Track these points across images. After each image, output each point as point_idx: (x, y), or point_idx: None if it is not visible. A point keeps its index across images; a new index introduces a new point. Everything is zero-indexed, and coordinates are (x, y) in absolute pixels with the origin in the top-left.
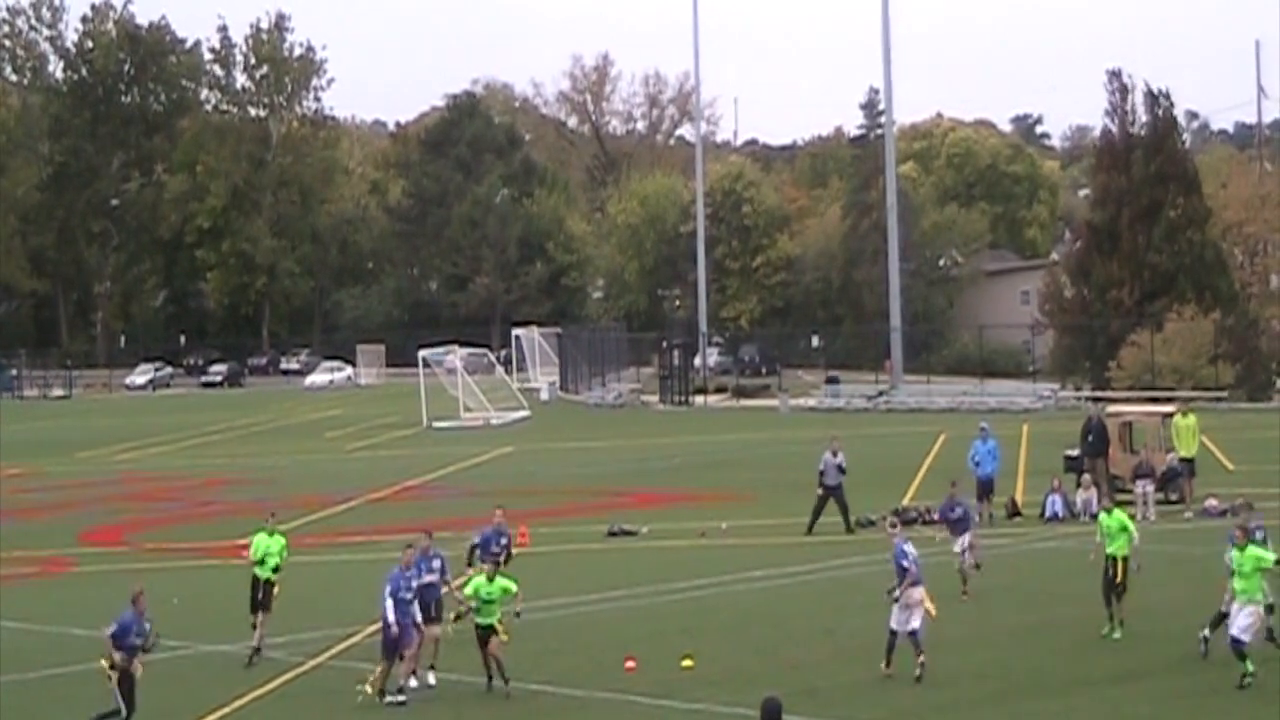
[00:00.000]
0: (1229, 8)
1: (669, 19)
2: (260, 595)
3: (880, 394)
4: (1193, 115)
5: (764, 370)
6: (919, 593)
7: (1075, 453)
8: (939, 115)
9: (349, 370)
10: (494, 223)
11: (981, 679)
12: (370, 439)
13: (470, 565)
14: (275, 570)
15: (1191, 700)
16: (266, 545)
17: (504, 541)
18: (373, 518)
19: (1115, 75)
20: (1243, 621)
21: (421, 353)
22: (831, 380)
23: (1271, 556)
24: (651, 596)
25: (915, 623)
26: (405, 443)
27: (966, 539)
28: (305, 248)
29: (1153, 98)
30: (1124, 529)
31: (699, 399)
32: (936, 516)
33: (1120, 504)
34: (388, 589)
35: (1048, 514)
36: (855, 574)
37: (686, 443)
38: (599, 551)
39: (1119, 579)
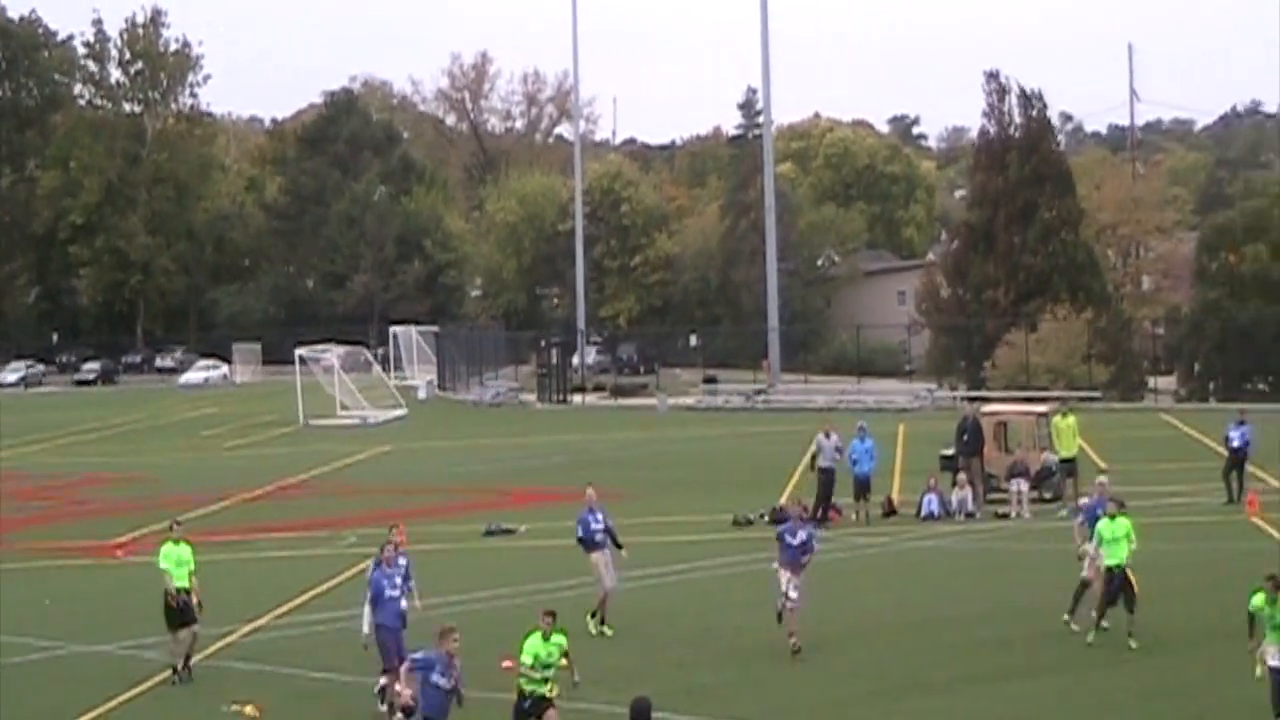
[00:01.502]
0: (1103, 11)
1: (548, 17)
2: (179, 608)
3: (758, 393)
4: (1067, 117)
5: (642, 369)
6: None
7: (951, 452)
8: (817, 115)
9: (225, 368)
10: (372, 221)
11: (859, 677)
12: (247, 437)
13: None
14: (189, 577)
15: (1071, 698)
16: (176, 555)
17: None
18: (249, 517)
19: (992, 77)
20: None
21: (298, 351)
22: (709, 379)
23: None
24: (530, 595)
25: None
26: (282, 441)
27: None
28: (181, 245)
29: (1028, 99)
30: (1127, 536)
31: (577, 398)
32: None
33: (998, 501)
34: (369, 593)
35: (924, 513)
36: (735, 572)
37: (565, 441)
38: (476, 550)
39: (1126, 588)
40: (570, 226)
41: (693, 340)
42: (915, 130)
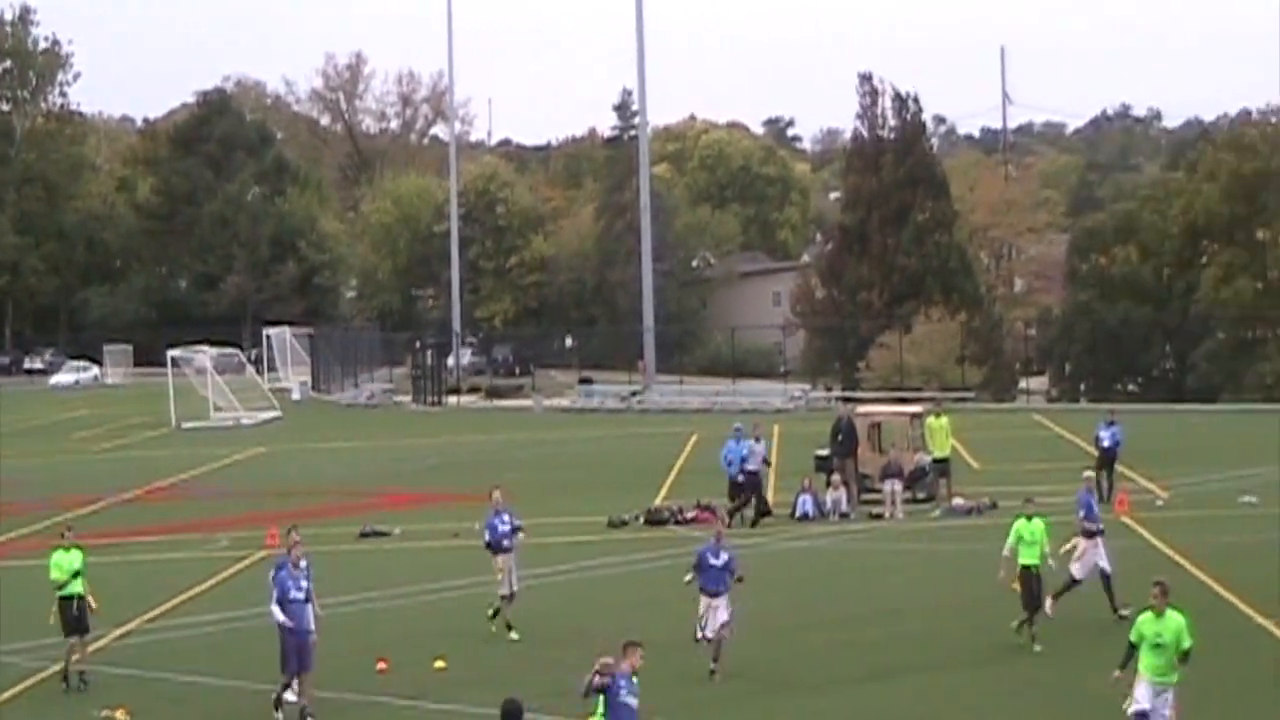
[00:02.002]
0: (976, 15)
1: (423, 18)
2: (76, 615)
3: (634, 394)
4: (940, 120)
5: (517, 370)
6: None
7: (825, 452)
8: (692, 117)
9: (95, 370)
10: (245, 221)
11: (734, 677)
12: (119, 439)
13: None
14: (82, 583)
15: (943, 696)
16: (69, 562)
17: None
18: (121, 519)
19: (866, 79)
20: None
21: (170, 352)
22: (585, 380)
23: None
24: (404, 598)
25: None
26: (154, 443)
27: None
28: (50, 245)
29: (901, 102)
30: (1042, 538)
31: (452, 399)
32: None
33: (871, 502)
34: (274, 594)
35: (798, 513)
36: (611, 573)
37: (439, 443)
38: (351, 553)
39: (1036, 590)
40: (445, 227)
41: (568, 341)
42: (790, 132)
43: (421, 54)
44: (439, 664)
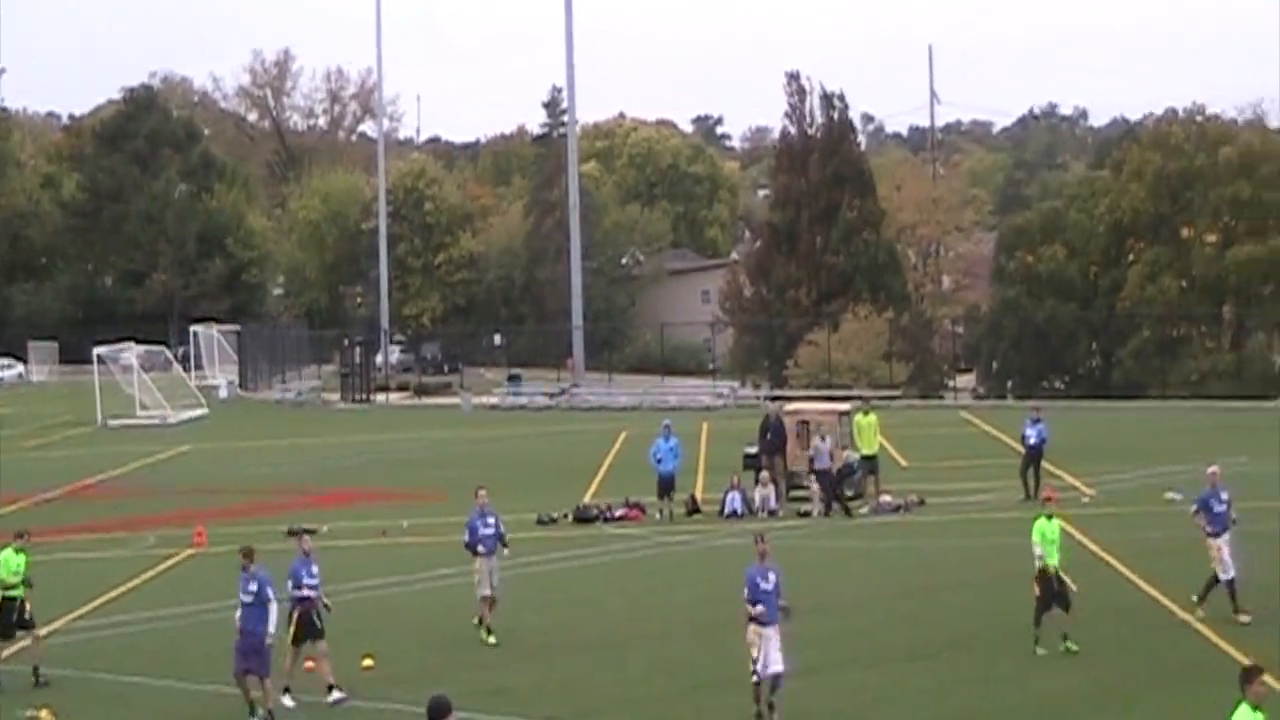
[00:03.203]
0: (904, 13)
1: (351, 14)
2: (18, 616)
3: (562, 392)
4: (868, 118)
5: (446, 368)
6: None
7: (754, 450)
8: (621, 115)
9: (20, 367)
10: (172, 219)
11: (665, 675)
12: (44, 438)
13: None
14: (23, 587)
15: (874, 692)
16: (17, 564)
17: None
18: (46, 518)
19: (794, 78)
20: None
21: (96, 350)
22: (514, 378)
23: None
24: (332, 596)
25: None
26: (80, 441)
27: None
28: None
29: (829, 100)
30: (1059, 537)
31: (380, 397)
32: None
33: (800, 499)
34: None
35: (727, 511)
36: (539, 571)
37: (368, 441)
38: (278, 551)
39: (1061, 589)
40: (373, 225)
41: (497, 339)
42: (719, 130)
43: (350, 51)
44: (367, 662)
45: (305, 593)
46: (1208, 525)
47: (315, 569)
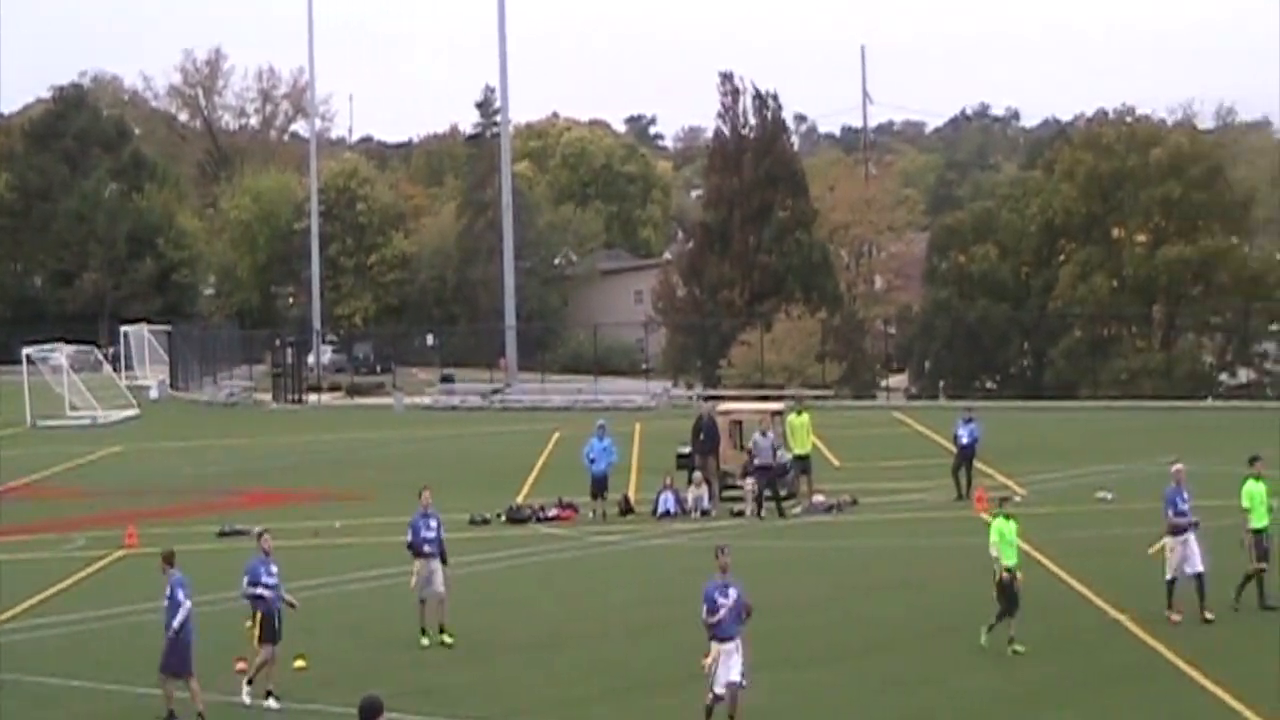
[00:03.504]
0: (837, 13)
1: (283, 13)
2: None
3: (495, 392)
4: (801, 118)
5: (378, 368)
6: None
7: (687, 450)
8: (555, 115)
9: None
10: (102, 218)
11: (596, 675)
12: None
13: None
14: None
15: (802, 693)
16: None
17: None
18: None
19: (727, 78)
20: None
21: (25, 350)
22: (446, 378)
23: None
24: None
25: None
26: (9, 442)
27: None
28: None
29: (761, 100)
30: (1016, 538)
31: (312, 397)
32: None
33: (733, 499)
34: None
35: (660, 511)
36: (471, 572)
37: (300, 442)
38: (210, 552)
39: (1014, 591)
40: (306, 225)
41: (429, 339)
42: (652, 130)
43: (282, 50)
44: (299, 663)
45: (261, 591)
46: (1177, 521)
47: (274, 568)
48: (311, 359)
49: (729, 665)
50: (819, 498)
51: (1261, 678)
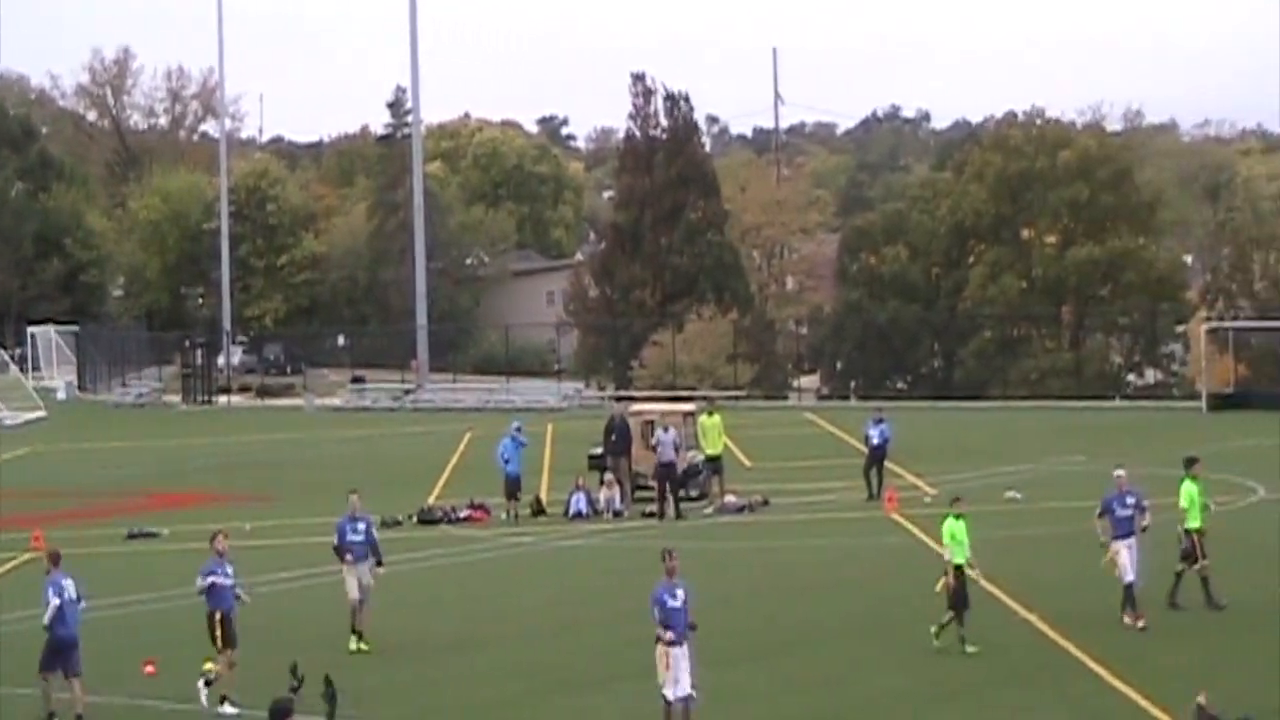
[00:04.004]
0: (748, 15)
1: (192, 13)
2: None
3: (407, 393)
4: (713, 119)
5: (289, 370)
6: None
7: (599, 451)
8: (466, 115)
9: None
10: (8, 218)
11: (510, 677)
12: None
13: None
14: None
15: (714, 693)
16: None
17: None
18: None
19: (639, 78)
20: None
21: None
22: (357, 379)
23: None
24: (173, 600)
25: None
26: None
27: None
28: None
29: (673, 101)
30: (966, 538)
31: (222, 399)
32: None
33: (645, 500)
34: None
35: (572, 512)
36: (384, 574)
37: (209, 443)
38: (118, 554)
39: (964, 590)
40: (215, 225)
41: (340, 340)
42: (564, 131)
43: (191, 49)
44: (208, 666)
45: (215, 580)
46: (1113, 529)
47: (229, 569)
48: (221, 360)
49: (680, 671)
50: (730, 498)
51: (1170, 677)
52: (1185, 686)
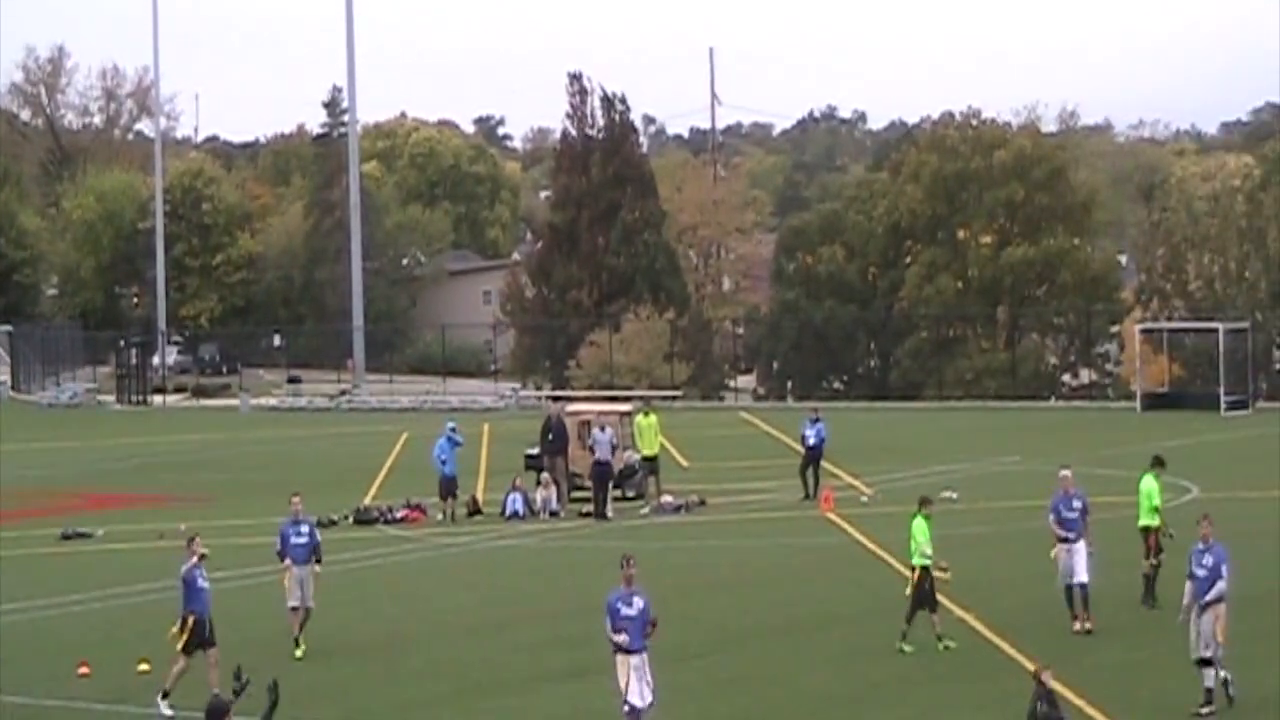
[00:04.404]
0: (685, 15)
1: (127, 12)
2: None
3: (342, 393)
4: (649, 120)
5: (224, 369)
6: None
7: (536, 451)
8: (403, 115)
9: None
10: None
11: (441, 677)
12: None
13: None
14: None
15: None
16: None
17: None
18: None
19: (576, 78)
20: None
21: None
22: (293, 380)
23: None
24: (107, 600)
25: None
26: None
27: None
28: None
29: (610, 102)
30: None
31: (157, 399)
32: None
33: (582, 500)
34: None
35: (508, 512)
36: (320, 573)
37: (144, 444)
38: (52, 555)
39: (932, 588)
40: (150, 225)
41: (276, 340)
42: (500, 131)
43: (126, 48)
44: (142, 667)
45: (203, 585)
46: (1059, 530)
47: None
48: (156, 360)
49: (640, 680)
50: (667, 498)
51: (1103, 675)
52: (1120, 684)
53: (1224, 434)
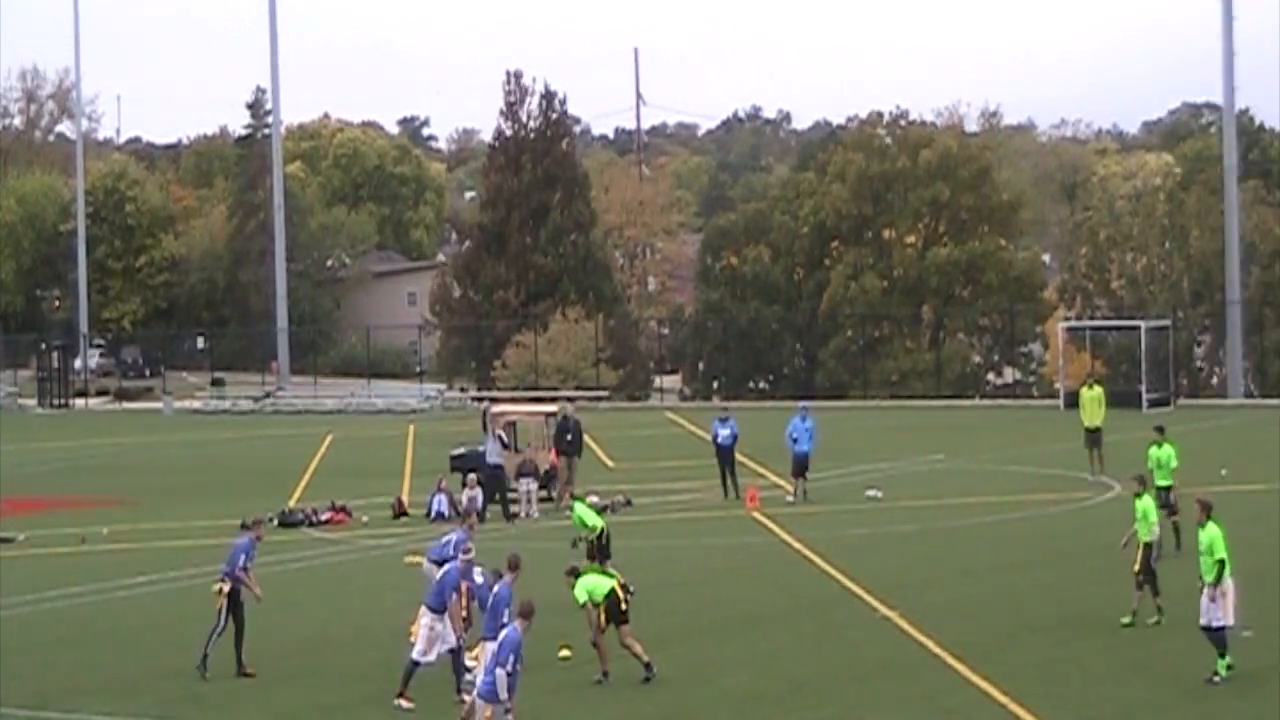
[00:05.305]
0: (609, 15)
1: (47, 13)
2: None
3: (267, 395)
4: (574, 119)
5: (147, 372)
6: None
7: (461, 452)
8: (326, 116)
9: None
10: None
11: (365, 681)
12: None
13: None
14: None
15: (568, 692)
16: None
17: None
18: None
19: (516, 76)
20: None
21: None
22: (217, 382)
23: None
24: (28, 605)
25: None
26: None
27: None
28: None
29: (547, 100)
30: None
31: (80, 401)
32: None
33: (509, 501)
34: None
35: (433, 513)
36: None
37: (66, 447)
38: None
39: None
40: (72, 227)
41: (199, 342)
42: (425, 132)
43: (46, 49)
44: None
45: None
46: None
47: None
48: (78, 363)
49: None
50: (593, 498)
51: (1027, 671)
52: (1043, 681)
53: (1146, 431)
